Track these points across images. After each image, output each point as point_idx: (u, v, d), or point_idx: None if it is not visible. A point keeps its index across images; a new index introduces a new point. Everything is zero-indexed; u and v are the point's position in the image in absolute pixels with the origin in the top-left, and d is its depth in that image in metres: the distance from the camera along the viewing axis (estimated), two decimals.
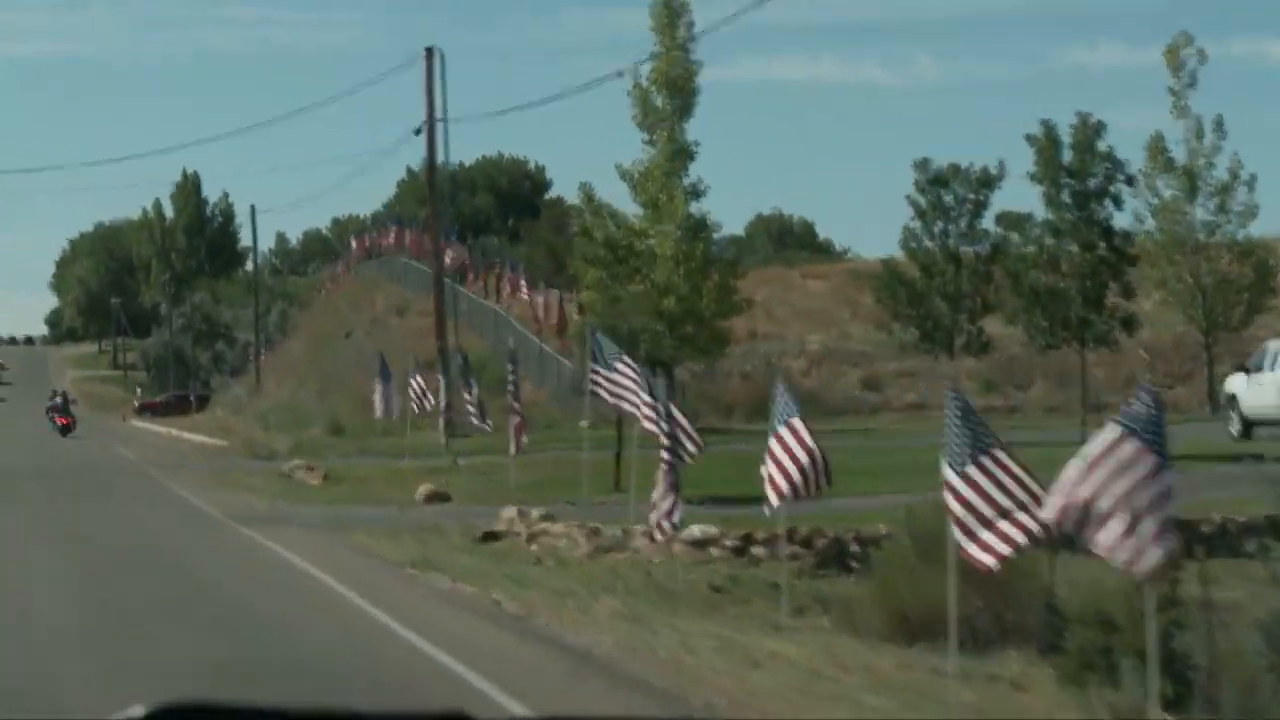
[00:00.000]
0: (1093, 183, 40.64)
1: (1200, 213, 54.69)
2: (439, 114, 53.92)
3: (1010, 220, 42.67)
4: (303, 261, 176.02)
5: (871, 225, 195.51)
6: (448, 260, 60.42)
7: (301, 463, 46.22)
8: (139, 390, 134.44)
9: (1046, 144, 40.84)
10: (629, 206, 59.04)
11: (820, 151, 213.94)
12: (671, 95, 55.60)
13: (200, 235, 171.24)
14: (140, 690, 7.71)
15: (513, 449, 35.38)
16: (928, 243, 44.74)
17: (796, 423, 20.02)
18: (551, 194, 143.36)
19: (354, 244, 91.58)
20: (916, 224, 44.99)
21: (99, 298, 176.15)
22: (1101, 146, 40.56)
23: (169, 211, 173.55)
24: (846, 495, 28.37)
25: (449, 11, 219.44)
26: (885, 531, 24.11)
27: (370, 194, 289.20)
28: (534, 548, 27.88)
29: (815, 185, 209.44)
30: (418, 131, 53.23)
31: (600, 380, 29.36)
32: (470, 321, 68.45)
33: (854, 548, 26.23)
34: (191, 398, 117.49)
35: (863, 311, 63.12)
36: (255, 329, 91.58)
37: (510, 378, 37.71)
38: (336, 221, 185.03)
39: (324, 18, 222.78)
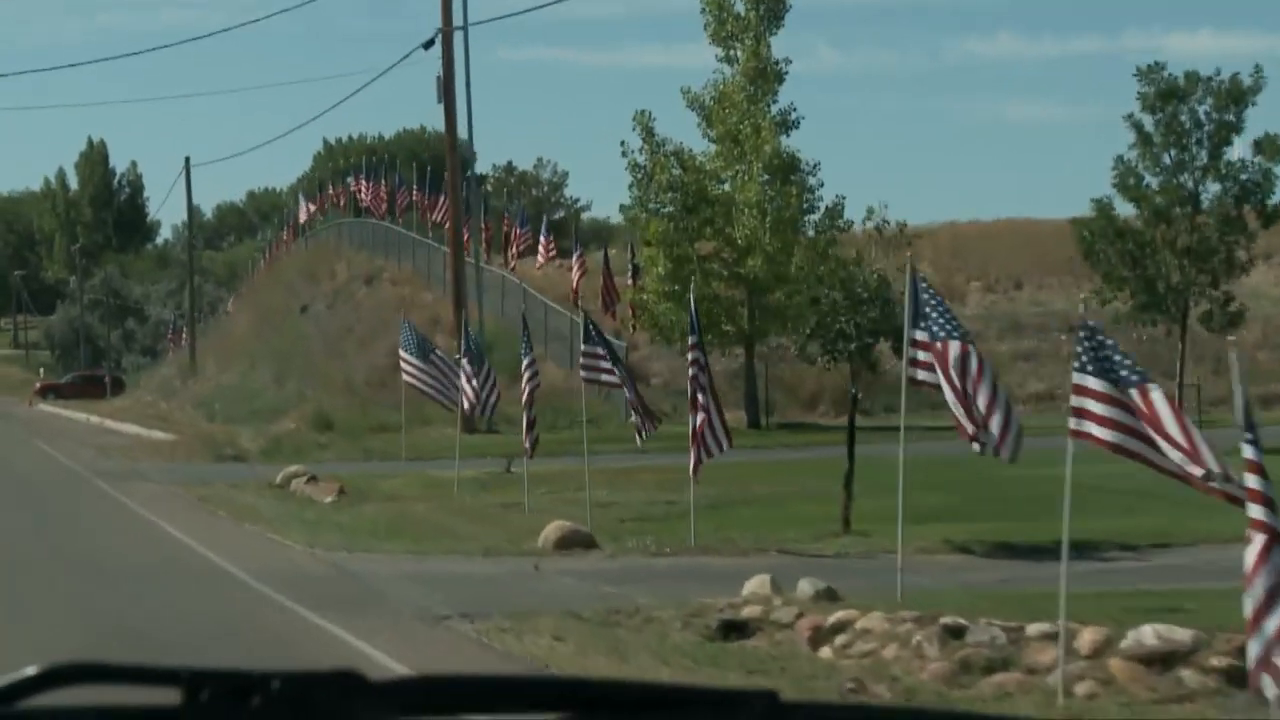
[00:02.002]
0: None
1: None
2: (458, 20, 41.06)
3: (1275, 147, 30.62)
4: (217, 235, 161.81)
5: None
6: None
7: (299, 472, 33.51)
8: (42, 371, 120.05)
9: None
10: (696, 143, 45.58)
11: None
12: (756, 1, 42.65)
13: (108, 207, 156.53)
14: None
15: (641, 432, 23.32)
16: (1151, 180, 32.34)
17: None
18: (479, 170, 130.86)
19: (305, 206, 78.57)
20: (1135, 155, 32.50)
21: None
22: None
23: (73, 182, 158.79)
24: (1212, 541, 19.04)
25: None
26: None
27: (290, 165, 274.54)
28: (830, 654, 15.45)
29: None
30: (429, 44, 40.52)
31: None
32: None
33: None
34: (106, 379, 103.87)
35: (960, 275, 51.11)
36: (190, 301, 78.17)
37: (594, 361, 25.68)
38: (252, 195, 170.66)
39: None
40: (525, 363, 27.88)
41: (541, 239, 50.23)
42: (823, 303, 20.53)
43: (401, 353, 34.28)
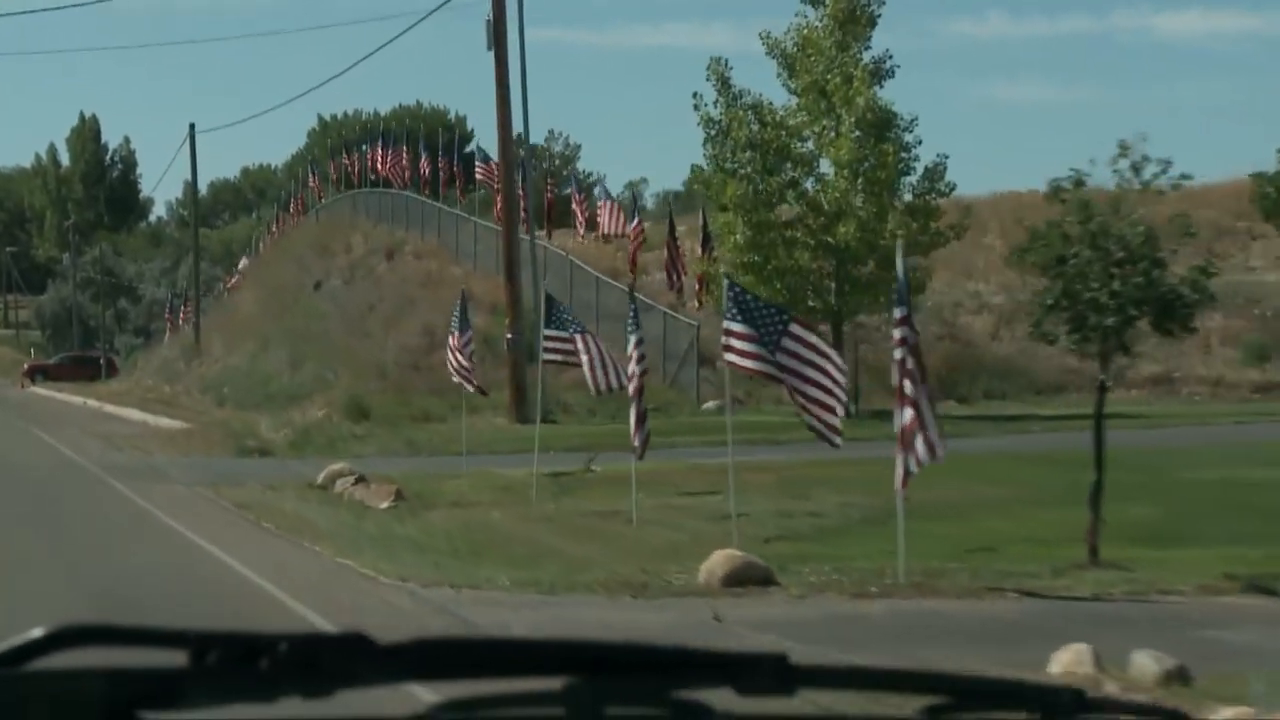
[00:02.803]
0: None
1: None
2: None
3: None
4: (212, 213, 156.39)
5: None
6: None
7: (343, 470, 28.51)
8: (32, 351, 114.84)
9: None
10: (776, 95, 40.53)
11: None
12: None
13: (100, 184, 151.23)
14: None
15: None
16: None
17: None
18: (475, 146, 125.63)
19: (313, 179, 73.40)
20: None
21: None
22: None
23: (64, 159, 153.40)
24: None
25: None
26: None
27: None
28: None
29: None
30: None
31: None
32: (492, 263, 50.70)
33: None
34: (101, 360, 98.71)
35: None
36: (194, 277, 72.91)
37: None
38: (246, 171, 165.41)
39: None
40: (633, 342, 22.86)
41: (604, 206, 44.76)
42: (1069, 265, 15.56)
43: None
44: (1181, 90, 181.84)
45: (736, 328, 18.04)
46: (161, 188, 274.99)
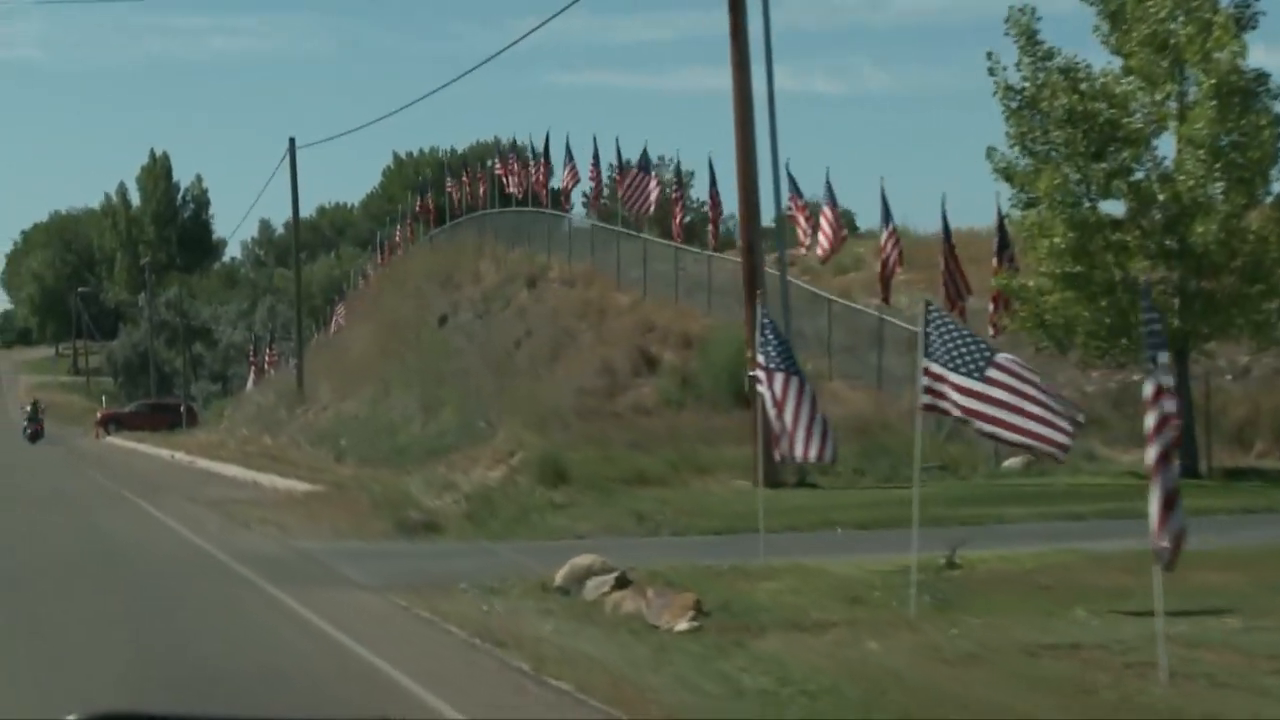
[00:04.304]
0: None
1: None
2: None
3: None
4: (288, 253, 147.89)
5: None
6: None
7: (593, 566, 19.53)
8: (104, 399, 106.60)
9: None
10: (1094, 56, 30.71)
11: None
12: None
13: (171, 224, 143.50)
14: None
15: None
16: None
17: None
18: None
19: (418, 199, 64.57)
20: None
21: (55, 295, 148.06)
22: None
23: (135, 198, 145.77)
24: None
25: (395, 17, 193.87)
26: None
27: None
28: None
29: None
30: None
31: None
32: (666, 288, 41.75)
33: None
34: (182, 408, 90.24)
35: None
36: (298, 314, 63.81)
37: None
38: (323, 210, 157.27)
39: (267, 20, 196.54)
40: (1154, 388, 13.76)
41: (827, 217, 35.20)
42: None
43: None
44: None
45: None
46: (234, 225, 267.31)
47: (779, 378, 19.88)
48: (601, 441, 31.29)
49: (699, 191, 59.70)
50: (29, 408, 77.56)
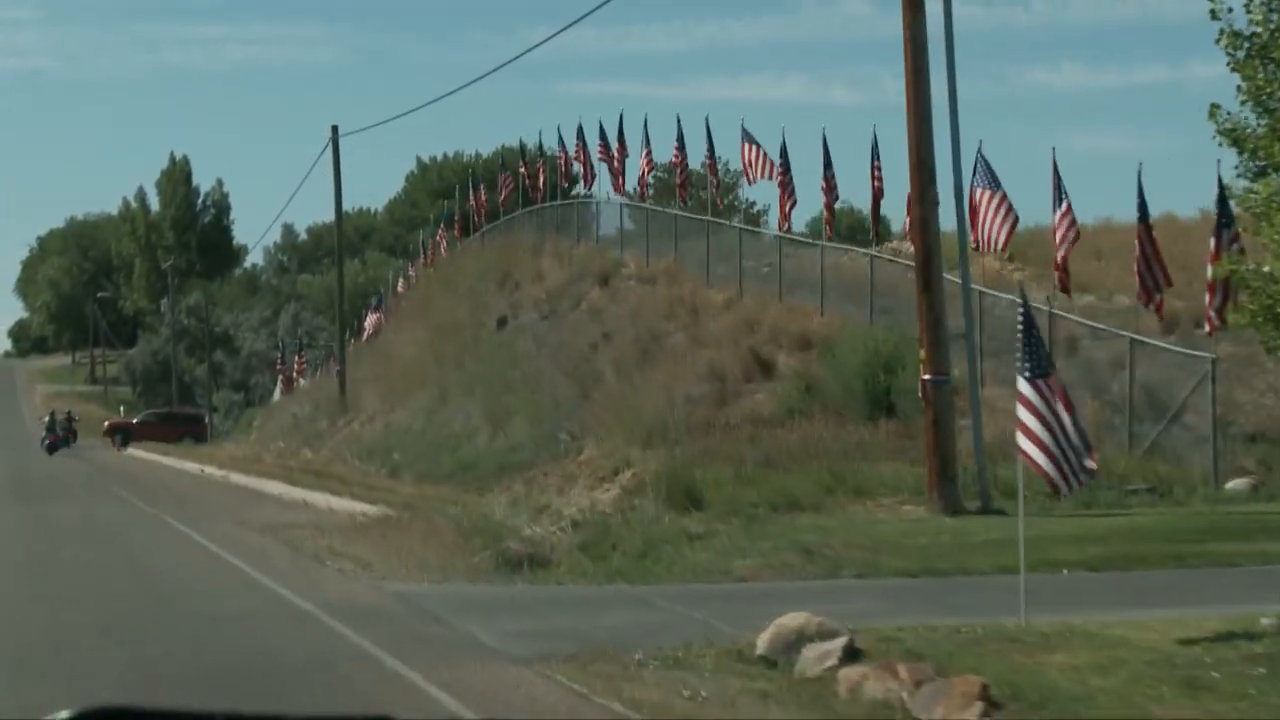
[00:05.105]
0: None
1: None
2: None
3: None
4: (312, 259, 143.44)
5: None
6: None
7: (806, 630, 14.80)
8: (122, 409, 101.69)
9: None
10: None
11: None
12: None
13: (191, 230, 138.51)
14: None
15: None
16: None
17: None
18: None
19: (473, 196, 59.67)
20: None
21: (72, 302, 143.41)
22: None
23: (154, 203, 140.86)
24: None
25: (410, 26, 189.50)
26: None
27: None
28: None
29: None
30: None
31: None
32: (767, 284, 36.96)
33: None
34: (199, 418, 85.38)
35: None
36: (339, 321, 58.74)
37: None
38: (346, 215, 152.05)
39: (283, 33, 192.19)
40: None
41: (984, 195, 29.80)
42: None
43: (1025, 384, 14.94)
44: None
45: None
46: (255, 233, 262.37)
47: (1043, 385, 15.02)
48: (720, 456, 26.44)
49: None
50: (47, 418, 72.10)
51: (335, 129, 55.92)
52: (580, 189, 51.41)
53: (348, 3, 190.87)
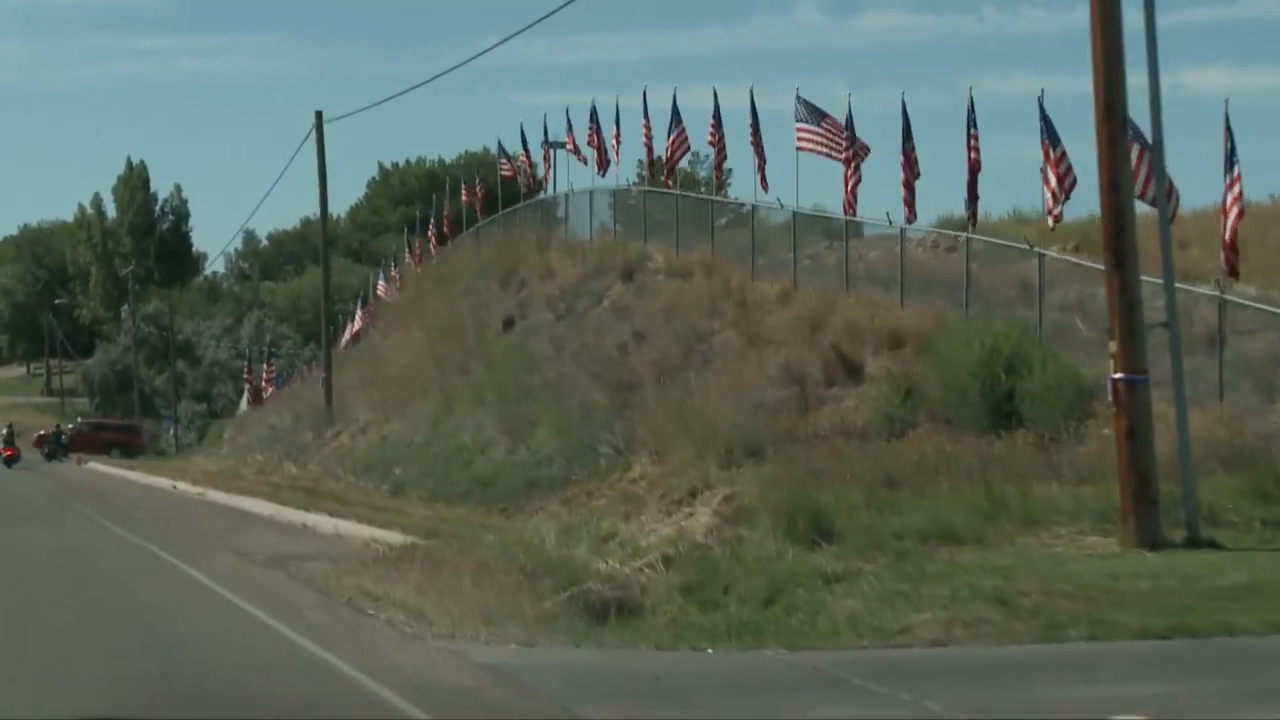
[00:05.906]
0: None
1: None
2: None
3: None
4: (274, 265, 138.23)
5: None
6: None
7: None
8: (79, 420, 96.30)
9: None
10: None
11: None
12: None
13: (149, 236, 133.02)
14: None
15: None
16: None
17: None
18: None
19: (464, 191, 54.68)
20: None
21: (26, 311, 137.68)
22: None
23: (110, 210, 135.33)
24: None
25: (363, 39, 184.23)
26: None
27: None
28: None
29: None
30: None
31: None
32: (827, 275, 32.29)
33: None
34: (140, 428, 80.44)
35: None
36: (323, 331, 53.40)
37: None
38: (307, 222, 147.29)
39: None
40: None
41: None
42: None
43: None
44: None
45: None
46: (215, 241, 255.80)
47: None
48: (831, 475, 21.68)
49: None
50: (5, 430, 68.26)
51: (319, 114, 51.08)
52: (570, 185, 46.76)
53: (299, 16, 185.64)
